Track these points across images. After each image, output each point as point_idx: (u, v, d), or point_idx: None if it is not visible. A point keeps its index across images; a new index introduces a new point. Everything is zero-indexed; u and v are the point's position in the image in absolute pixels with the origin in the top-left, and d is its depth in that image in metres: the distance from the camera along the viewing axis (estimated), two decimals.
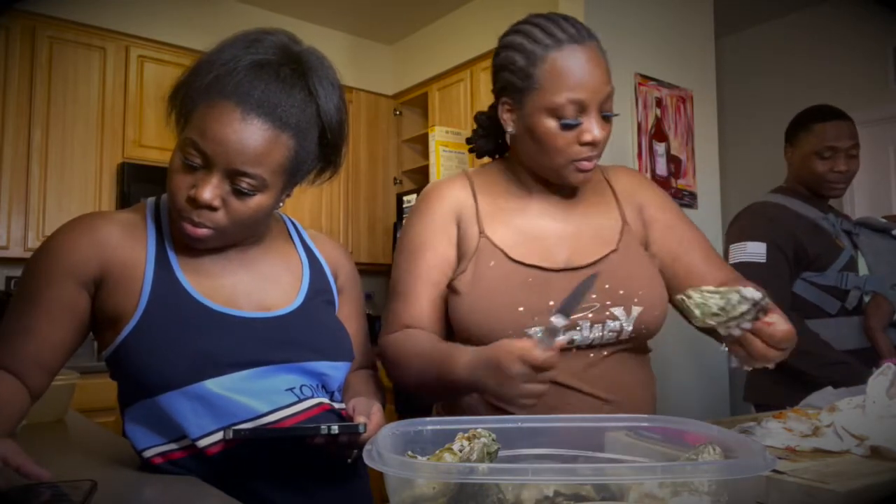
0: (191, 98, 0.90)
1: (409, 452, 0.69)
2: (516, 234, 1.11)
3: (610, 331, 1.06)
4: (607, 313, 1.06)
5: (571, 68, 1.01)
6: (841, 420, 0.92)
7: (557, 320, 0.84)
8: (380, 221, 4.30)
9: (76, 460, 1.08)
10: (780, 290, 1.79)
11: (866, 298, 1.78)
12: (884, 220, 1.89)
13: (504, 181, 1.17)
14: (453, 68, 3.99)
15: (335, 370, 1.01)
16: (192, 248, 0.96)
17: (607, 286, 1.06)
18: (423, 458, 0.68)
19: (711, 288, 0.89)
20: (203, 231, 0.90)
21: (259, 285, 1.00)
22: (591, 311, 1.05)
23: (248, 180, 0.88)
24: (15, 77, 3.16)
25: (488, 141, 1.24)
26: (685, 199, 2.98)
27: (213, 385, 0.89)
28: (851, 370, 1.59)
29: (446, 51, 4.05)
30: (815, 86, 3.75)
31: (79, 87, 3.32)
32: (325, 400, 0.98)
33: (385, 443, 0.66)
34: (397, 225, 3.47)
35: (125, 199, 3.28)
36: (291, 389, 0.95)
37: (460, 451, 0.67)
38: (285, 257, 1.07)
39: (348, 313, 1.12)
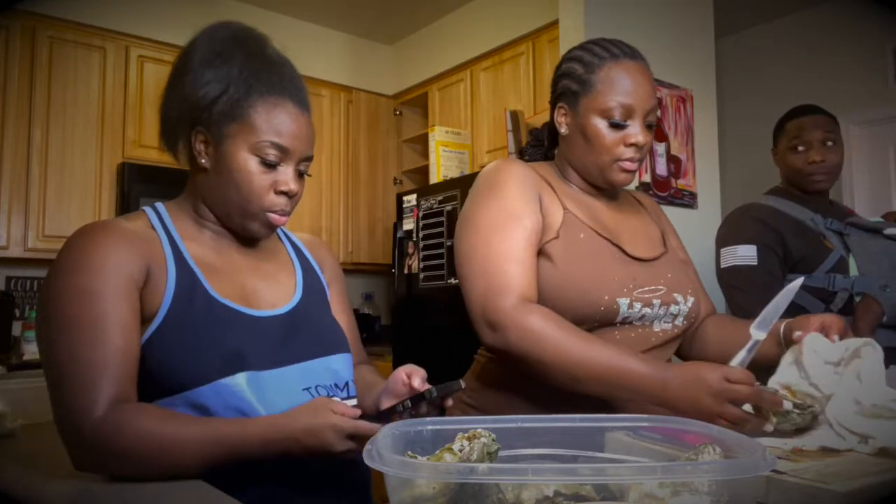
0: (237, 101, 0.95)
1: (409, 452, 0.69)
2: (592, 217, 1.21)
3: (671, 313, 1.19)
4: (672, 298, 1.19)
5: (623, 77, 1.15)
6: (834, 413, 0.92)
7: (758, 333, 1.00)
8: (380, 221, 4.30)
9: None
10: (774, 290, 1.78)
11: (857, 299, 1.77)
12: (874, 220, 1.89)
13: (558, 178, 1.26)
14: (453, 68, 3.99)
15: (344, 361, 1.05)
16: (201, 249, 0.99)
17: (670, 275, 1.22)
18: (423, 458, 0.68)
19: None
20: (286, 217, 1.01)
21: (262, 284, 1.04)
22: (661, 294, 1.18)
23: (307, 163, 1.01)
24: (15, 77, 3.17)
25: (537, 150, 1.39)
26: (685, 199, 2.98)
27: (242, 381, 0.91)
28: None
29: (446, 51, 4.05)
30: (815, 86, 3.75)
31: (79, 87, 3.32)
32: (337, 399, 0.99)
33: (385, 443, 0.66)
34: (397, 225, 3.47)
35: (125, 199, 3.29)
36: (307, 389, 0.97)
37: (460, 451, 0.67)
38: (278, 256, 1.11)
39: (337, 308, 1.15)
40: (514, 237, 1.11)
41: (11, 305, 3.17)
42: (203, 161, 0.98)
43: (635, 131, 1.15)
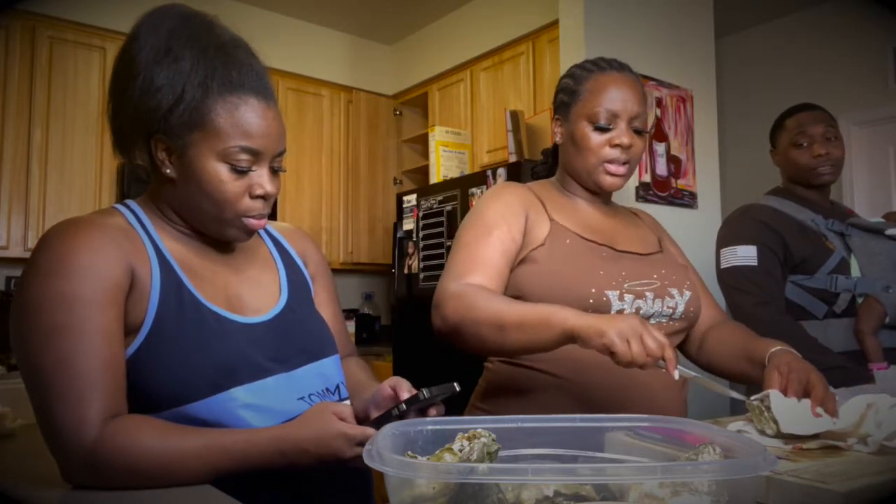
0: (195, 108, 0.87)
1: (409, 452, 0.69)
2: (581, 225, 1.26)
3: (668, 307, 1.22)
4: (666, 291, 1.22)
5: (608, 86, 1.23)
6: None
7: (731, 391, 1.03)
8: (380, 221, 4.30)
9: None
10: (774, 291, 1.78)
11: (859, 300, 1.77)
12: (875, 221, 1.88)
13: (556, 191, 1.33)
14: (453, 68, 3.99)
15: (334, 363, 1.03)
16: (180, 249, 0.94)
17: (664, 271, 1.25)
18: (423, 458, 0.68)
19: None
20: (264, 220, 0.96)
21: (245, 287, 0.99)
22: (654, 287, 1.21)
23: (280, 158, 0.95)
24: (15, 77, 3.17)
25: (544, 167, 1.50)
26: (685, 199, 2.98)
27: (236, 396, 0.88)
28: (849, 374, 1.58)
29: (446, 51, 4.05)
30: (815, 85, 3.76)
31: (79, 87, 3.33)
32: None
33: (385, 443, 0.66)
34: (397, 225, 3.47)
35: (125, 200, 3.28)
36: (302, 399, 0.94)
37: (460, 451, 0.67)
38: (259, 255, 1.06)
39: (323, 300, 1.12)
40: (487, 238, 1.19)
41: None
42: (168, 171, 0.91)
43: (619, 134, 1.22)
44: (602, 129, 1.22)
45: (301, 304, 1.04)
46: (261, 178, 0.92)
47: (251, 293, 0.99)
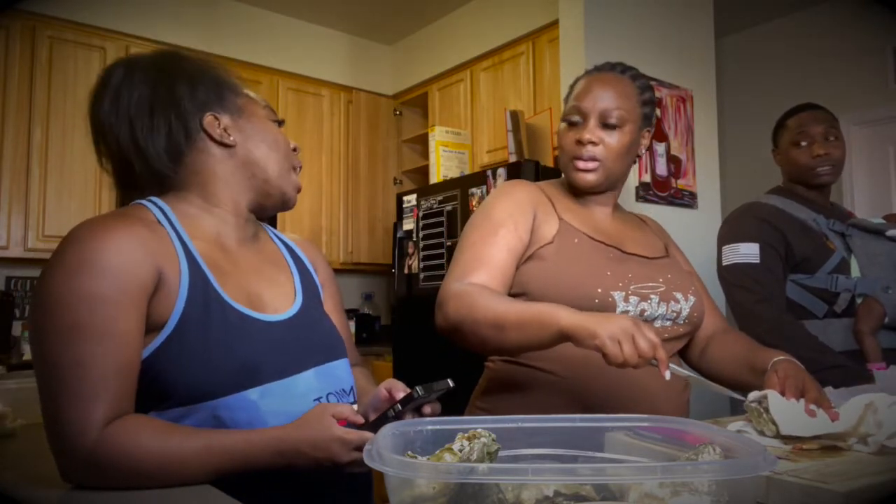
0: (230, 84, 1.03)
1: (409, 452, 0.69)
2: (590, 225, 1.27)
3: (672, 310, 1.23)
4: (671, 295, 1.23)
5: (583, 86, 1.26)
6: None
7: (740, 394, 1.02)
8: (380, 221, 4.30)
9: None
10: (775, 289, 1.79)
11: (859, 300, 1.77)
12: (876, 221, 1.89)
13: (565, 192, 1.34)
14: (453, 68, 3.99)
15: (346, 366, 1.04)
16: (207, 247, 0.95)
17: (669, 276, 1.26)
18: (423, 458, 0.68)
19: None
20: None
21: (265, 286, 1.00)
22: (659, 291, 1.21)
23: None
24: (15, 77, 3.17)
25: None
26: (685, 199, 2.98)
27: (257, 395, 0.88)
28: (849, 373, 1.58)
29: (446, 51, 4.05)
30: (815, 85, 3.76)
31: (79, 87, 3.32)
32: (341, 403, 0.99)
33: (385, 443, 0.66)
34: (397, 225, 3.47)
35: (125, 200, 3.28)
36: (318, 399, 0.95)
37: (460, 451, 0.67)
38: (275, 257, 1.08)
39: (330, 307, 1.14)
40: (493, 237, 1.20)
41: (11, 305, 3.17)
42: (231, 139, 0.99)
43: (583, 129, 1.23)
44: (570, 125, 1.25)
45: (314, 308, 1.06)
46: (288, 138, 1.08)
47: (270, 291, 1.00)
